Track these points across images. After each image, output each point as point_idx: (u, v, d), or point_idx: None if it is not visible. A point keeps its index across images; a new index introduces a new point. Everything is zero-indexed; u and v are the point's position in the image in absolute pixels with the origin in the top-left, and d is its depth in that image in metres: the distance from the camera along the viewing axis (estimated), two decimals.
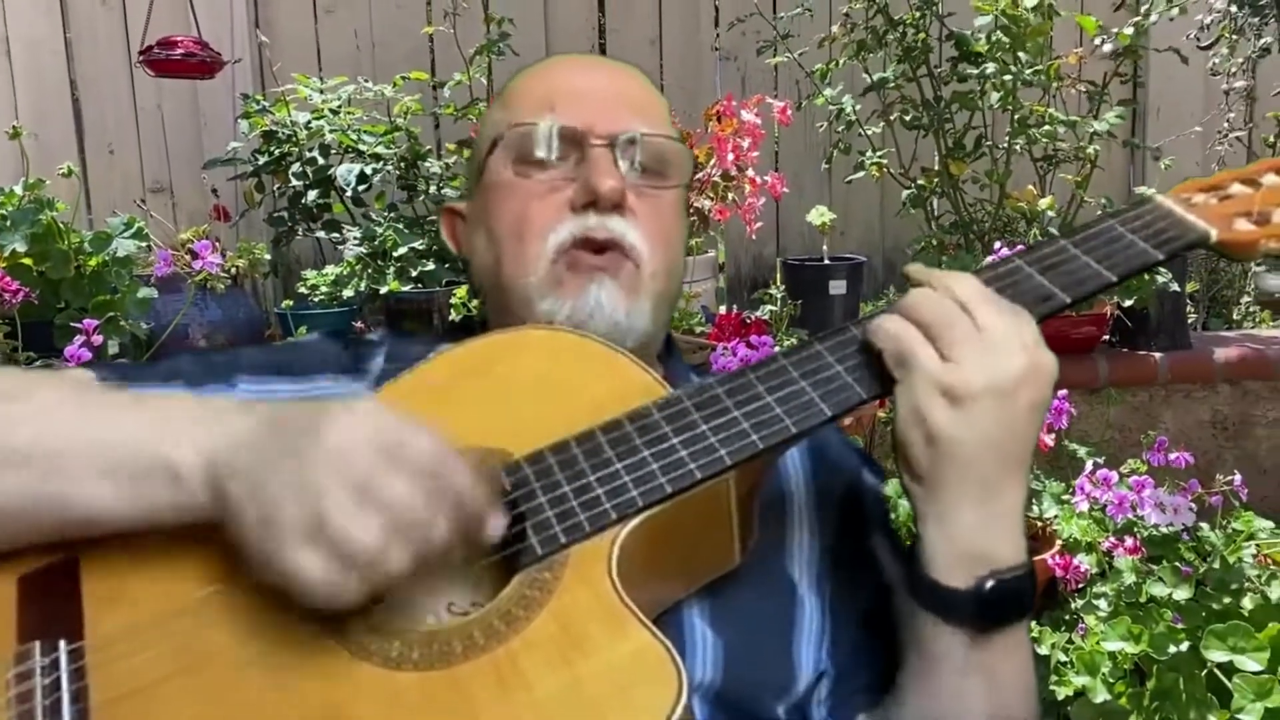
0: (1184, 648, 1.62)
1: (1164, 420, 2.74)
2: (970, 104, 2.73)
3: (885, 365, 0.81)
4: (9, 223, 2.05)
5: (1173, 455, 1.82)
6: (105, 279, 2.13)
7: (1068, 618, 1.83)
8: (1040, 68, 2.62)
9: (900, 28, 2.78)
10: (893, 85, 2.83)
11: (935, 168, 2.89)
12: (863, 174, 2.92)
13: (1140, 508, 1.74)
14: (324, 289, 2.65)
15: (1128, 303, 2.63)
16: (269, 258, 2.92)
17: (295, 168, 2.82)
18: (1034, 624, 1.78)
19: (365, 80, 2.94)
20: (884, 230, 3.72)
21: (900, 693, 0.88)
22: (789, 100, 2.58)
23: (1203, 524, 1.84)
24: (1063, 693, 1.68)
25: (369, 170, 2.78)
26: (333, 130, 2.81)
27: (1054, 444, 1.95)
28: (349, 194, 2.81)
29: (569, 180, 0.98)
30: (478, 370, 0.89)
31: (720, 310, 2.91)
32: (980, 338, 0.78)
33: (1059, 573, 1.86)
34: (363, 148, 2.80)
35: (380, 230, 2.63)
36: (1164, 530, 1.77)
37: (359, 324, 2.65)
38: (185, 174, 3.54)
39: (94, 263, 2.12)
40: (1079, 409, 2.24)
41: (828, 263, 3.09)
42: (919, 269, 0.84)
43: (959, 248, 2.78)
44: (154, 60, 2.93)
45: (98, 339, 1.85)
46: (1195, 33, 3.20)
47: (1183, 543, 1.79)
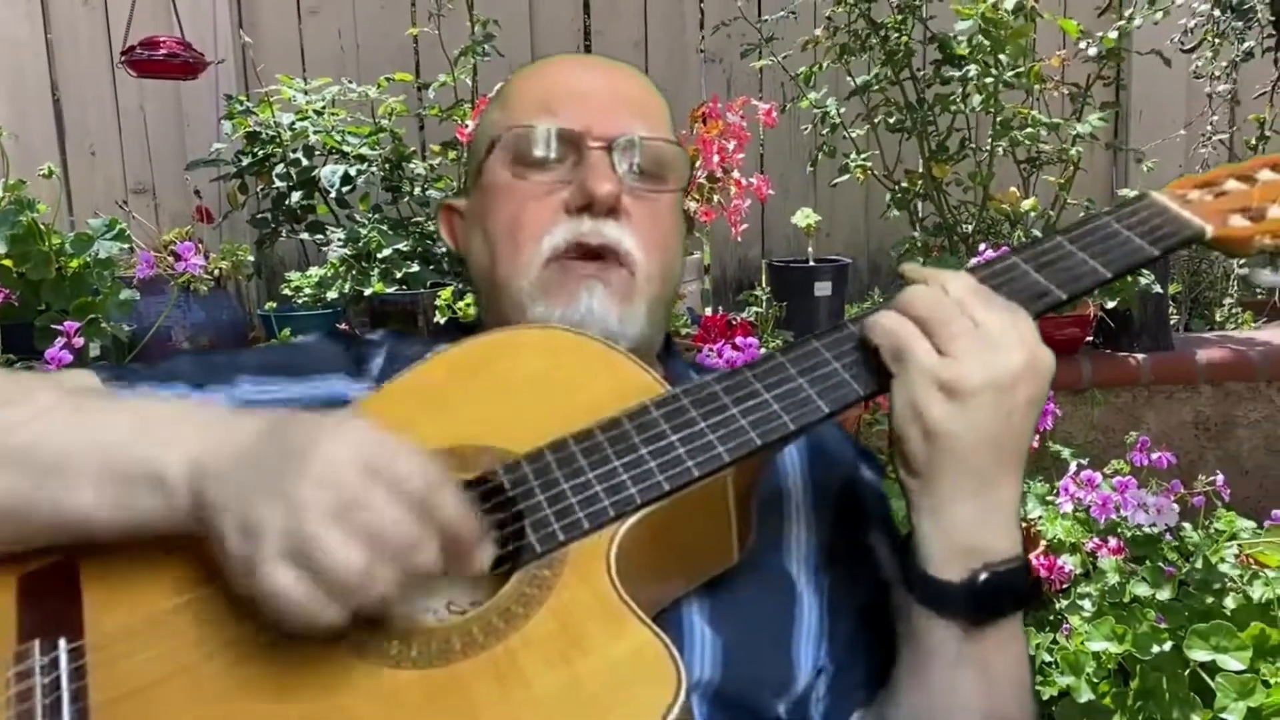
0: (1167, 647, 1.62)
1: (1147, 421, 2.76)
2: (952, 107, 2.75)
3: (882, 361, 0.80)
4: None
5: (1155, 456, 1.84)
6: (87, 281, 2.12)
7: (1052, 618, 1.83)
8: (1022, 70, 2.63)
9: (882, 31, 2.79)
10: (876, 88, 2.84)
11: (919, 170, 2.90)
12: (847, 176, 2.93)
13: (1124, 508, 1.75)
14: (308, 291, 2.64)
15: (1111, 304, 2.64)
16: (252, 259, 2.92)
17: (279, 169, 2.81)
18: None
19: (349, 81, 2.93)
20: (869, 232, 3.73)
21: (895, 687, 0.88)
22: (774, 103, 2.59)
23: (1185, 524, 1.86)
24: (1047, 693, 1.68)
25: (353, 172, 2.77)
26: (317, 131, 2.80)
27: (1038, 445, 1.96)
28: (333, 195, 2.80)
29: (566, 183, 0.98)
30: (476, 369, 0.89)
31: (705, 312, 2.92)
32: (978, 333, 0.78)
33: (1043, 573, 1.86)
34: (347, 149, 2.79)
35: (364, 232, 2.62)
36: (1147, 531, 1.78)
37: (343, 326, 2.64)
38: (168, 175, 3.50)
39: (75, 264, 2.11)
40: (1063, 410, 2.26)
41: (813, 264, 3.11)
42: (915, 267, 0.84)
43: (943, 249, 2.80)
44: (136, 61, 2.90)
45: (79, 341, 1.83)
46: (1178, 36, 3.23)
47: (1166, 543, 1.80)
